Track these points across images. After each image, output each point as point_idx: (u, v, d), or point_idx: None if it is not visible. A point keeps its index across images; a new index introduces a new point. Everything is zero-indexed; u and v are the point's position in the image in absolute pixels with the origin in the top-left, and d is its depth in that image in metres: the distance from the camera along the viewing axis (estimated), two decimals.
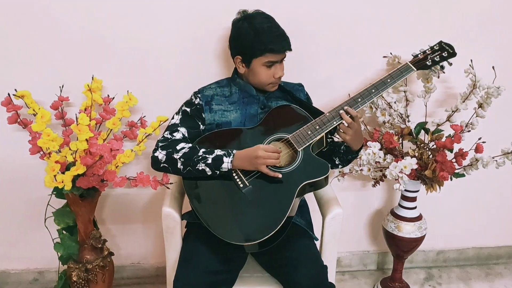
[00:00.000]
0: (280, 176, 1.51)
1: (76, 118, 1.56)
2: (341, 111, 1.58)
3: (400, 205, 2.06)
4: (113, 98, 1.79)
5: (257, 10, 1.62)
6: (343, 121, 1.57)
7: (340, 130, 1.59)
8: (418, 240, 2.05)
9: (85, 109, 1.71)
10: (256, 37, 1.55)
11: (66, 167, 1.68)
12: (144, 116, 1.84)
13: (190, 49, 1.89)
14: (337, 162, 1.72)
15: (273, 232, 1.46)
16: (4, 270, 2.14)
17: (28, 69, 1.83)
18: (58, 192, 1.74)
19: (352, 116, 1.56)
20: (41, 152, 1.67)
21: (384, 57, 1.98)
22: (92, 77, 1.73)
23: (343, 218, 1.65)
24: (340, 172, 2.06)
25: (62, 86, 1.75)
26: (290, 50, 1.60)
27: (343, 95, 1.92)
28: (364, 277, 2.37)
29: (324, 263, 1.56)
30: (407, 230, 2.03)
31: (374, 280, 2.33)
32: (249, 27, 1.56)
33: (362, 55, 2.00)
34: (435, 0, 1.95)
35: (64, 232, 1.82)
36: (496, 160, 1.82)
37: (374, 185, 2.04)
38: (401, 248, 2.07)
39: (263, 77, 1.61)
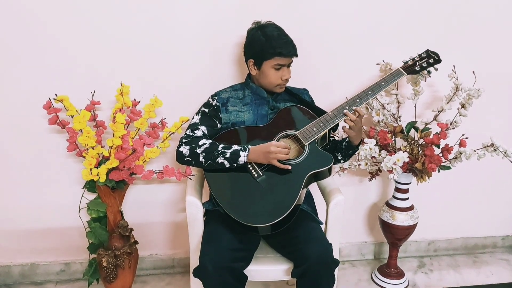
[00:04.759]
0: (290, 167, 1.73)
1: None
2: (345, 110, 1.80)
3: (394, 197, 2.29)
4: (139, 101, 2.00)
5: (268, 21, 1.86)
6: (347, 119, 1.79)
7: (346, 126, 1.81)
8: (411, 228, 2.27)
9: (115, 112, 1.92)
10: (267, 43, 1.78)
11: (98, 163, 1.89)
12: (165, 118, 2.05)
13: (207, 57, 2.11)
14: (339, 158, 1.94)
15: (283, 216, 1.67)
16: (34, 262, 2.31)
17: (63, 77, 2.03)
18: (91, 186, 1.95)
19: (359, 114, 1.79)
20: (77, 150, 1.88)
21: (377, 64, 2.22)
22: (121, 83, 1.95)
23: (344, 204, 1.87)
24: (340, 167, 2.28)
25: (94, 92, 1.97)
26: (296, 55, 1.82)
27: (342, 97, 2.16)
28: (363, 265, 2.57)
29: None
30: (400, 219, 2.25)
31: (371, 268, 2.53)
32: (261, 34, 1.80)
33: (358, 63, 2.23)
34: (421, 14, 2.21)
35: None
36: (478, 153, 2.05)
37: (370, 179, 2.27)
38: (396, 236, 2.29)
39: (272, 78, 1.83)
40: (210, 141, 1.80)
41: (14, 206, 2.19)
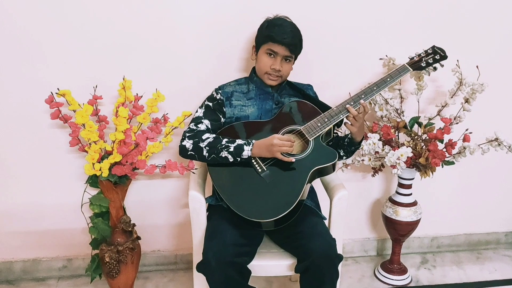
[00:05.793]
0: (294, 160, 1.71)
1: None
2: (348, 105, 1.78)
3: (397, 192, 2.27)
4: (141, 96, 1.99)
5: (283, 15, 1.86)
6: (350, 115, 1.77)
7: (348, 122, 1.80)
8: (414, 224, 2.26)
9: (118, 106, 1.91)
10: (266, 29, 1.81)
11: (101, 158, 1.88)
12: (167, 113, 2.04)
13: (209, 51, 2.10)
14: (341, 154, 1.93)
15: (286, 212, 1.66)
16: (36, 258, 2.30)
17: (65, 71, 2.02)
18: (93, 181, 1.94)
19: (365, 108, 1.77)
20: (80, 144, 1.87)
21: (380, 59, 2.21)
22: (123, 78, 1.94)
23: (348, 199, 1.86)
24: (343, 163, 2.27)
25: (96, 87, 1.96)
26: (292, 46, 1.79)
27: (346, 93, 2.15)
28: (365, 262, 2.56)
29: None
30: (404, 215, 2.24)
31: (374, 264, 2.52)
32: (267, 21, 1.83)
33: (362, 59, 2.22)
34: (425, 8, 2.19)
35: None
36: (482, 147, 2.04)
37: (373, 175, 2.26)
38: (399, 231, 2.28)
39: (261, 64, 1.83)
40: (214, 135, 1.79)
41: (16, 201, 2.18)
